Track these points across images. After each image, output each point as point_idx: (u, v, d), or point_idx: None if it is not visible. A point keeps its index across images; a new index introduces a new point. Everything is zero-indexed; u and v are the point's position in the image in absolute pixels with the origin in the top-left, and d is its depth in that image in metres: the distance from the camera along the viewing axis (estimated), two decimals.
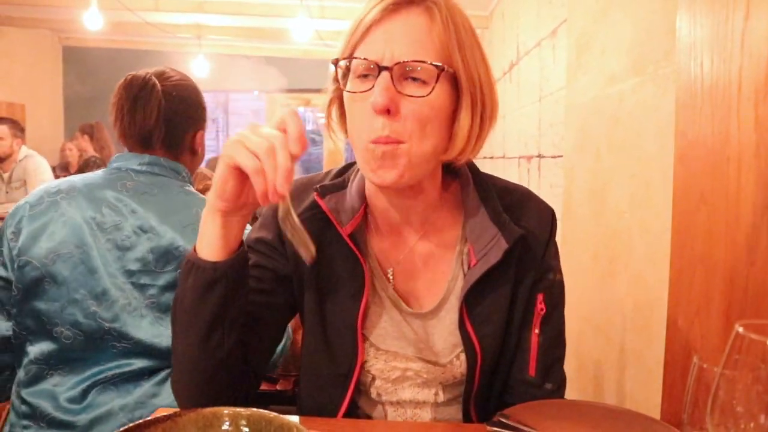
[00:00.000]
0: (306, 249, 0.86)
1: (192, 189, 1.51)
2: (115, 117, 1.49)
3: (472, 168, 1.09)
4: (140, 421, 0.75)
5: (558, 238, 1.13)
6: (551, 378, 1.06)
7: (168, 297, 1.36)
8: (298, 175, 1.01)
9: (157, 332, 1.35)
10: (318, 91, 1.03)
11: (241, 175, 0.85)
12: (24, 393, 1.36)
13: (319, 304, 1.07)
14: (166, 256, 1.37)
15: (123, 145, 1.54)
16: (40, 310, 1.36)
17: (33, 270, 1.36)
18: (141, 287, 1.36)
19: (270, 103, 8.56)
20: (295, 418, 0.97)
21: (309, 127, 12.41)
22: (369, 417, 1.11)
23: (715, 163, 0.90)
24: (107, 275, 1.35)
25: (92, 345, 1.35)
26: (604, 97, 1.60)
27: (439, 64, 0.90)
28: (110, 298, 1.35)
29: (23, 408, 1.35)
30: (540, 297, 1.05)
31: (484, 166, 4.86)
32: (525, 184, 3.35)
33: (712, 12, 0.92)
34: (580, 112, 1.84)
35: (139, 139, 1.50)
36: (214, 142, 11.43)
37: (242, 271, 0.94)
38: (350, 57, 0.93)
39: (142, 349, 1.35)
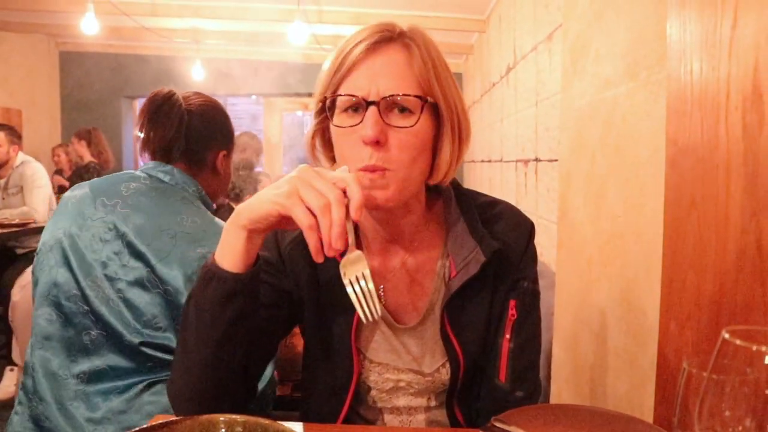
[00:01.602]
0: (372, 307, 0.90)
1: (196, 204, 1.56)
2: (139, 129, 1.58)
3: (455, 185, 1.14)
4: (136, 429, 0.76)
5: (554, 243, 1.14)
6: (522, 385, 1.08)
7: (134, 293, 1.42)
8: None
9: (124, 323, 1.41)
10: None
11: (287, 218, 0.87)
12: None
13: (316, 320, 1.12)
14: (137, 253, 1.43)
15: (143, 157, 1.63)
16: (36, 293, 1.48)
17: (40, 255, 1.51)
18: (111, 280, 1.42)
19: (268, 108, 8.55)
20: (299, 425, 1.00)
21: (307, 130, 12.46)
22: (367, 422, 1.17)
23: (705, 170, 0.91)
24: (86, 264, 1.44)
25: (70, 329, 1.43)
26: (598, 102, 1.61)
27: (422, 95, 0.97)
28: (87, 285, 1.43)
29: (29, 382, 1.45)
30: (512, 303, 1.09)
31: (482, 169, 4.88)
32: (522, 188, 3.37)
33: (701, 19, 0.93)
34: (575, 117, 1.85)
35: (158, 150, 1.58)
36: None
37: (258, 284, 0.98)
38: (336, 94, 0.98)
39: (113, 341, 1.41)
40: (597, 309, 1.60)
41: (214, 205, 1.72)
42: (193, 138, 1.59)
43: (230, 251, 0.92)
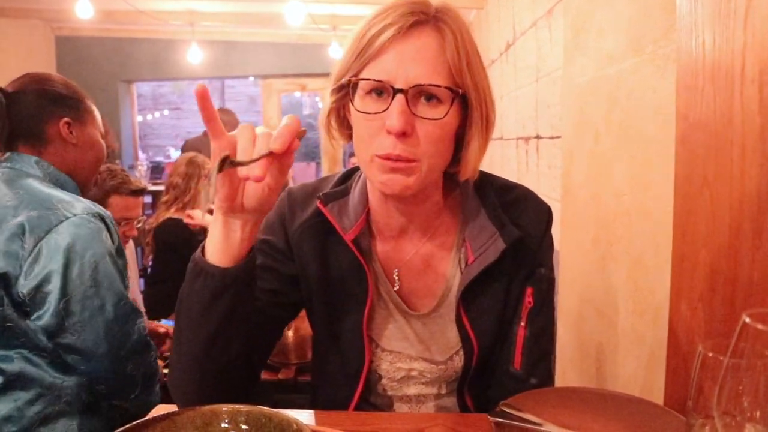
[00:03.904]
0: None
1: (34, 180, 1.49)
2: None
3: None
4: (138, 421, 0.74)
5: (558, 221, 1.12)
6: (537, 373, 1.07)
7: None
8: (297, 158, 1.01)
9: None
10: (313, 75, 1.03)
11: (232, 175, 0.84)
12: None
13: (326, 308, 1.10)
14: None
15: None
16: None
17: None
18: None
19: (266, 89, 8.50)
20: (309, 413, 0.98)
21: (306, 111, 12.38)
22: (377, 409, 1.15)
23: (718, 147, 0.88)
24: None
25: None
26: (601, 78, 1.58)
27: (454, 87, 0.92)
28: None
29: None
30: (529, 291, 1.07)
31: None
32: (523, 165, 3.34)
33: None
34: (578, 93, 1.82)
35: None
36: None
37: (251, 278, 0.94)
38: (361, 78, 0.93)
39: None
40: (602, 288, 1.58)
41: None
42: (21, 117, 1.54)
43: (214, 240, 0.89)
